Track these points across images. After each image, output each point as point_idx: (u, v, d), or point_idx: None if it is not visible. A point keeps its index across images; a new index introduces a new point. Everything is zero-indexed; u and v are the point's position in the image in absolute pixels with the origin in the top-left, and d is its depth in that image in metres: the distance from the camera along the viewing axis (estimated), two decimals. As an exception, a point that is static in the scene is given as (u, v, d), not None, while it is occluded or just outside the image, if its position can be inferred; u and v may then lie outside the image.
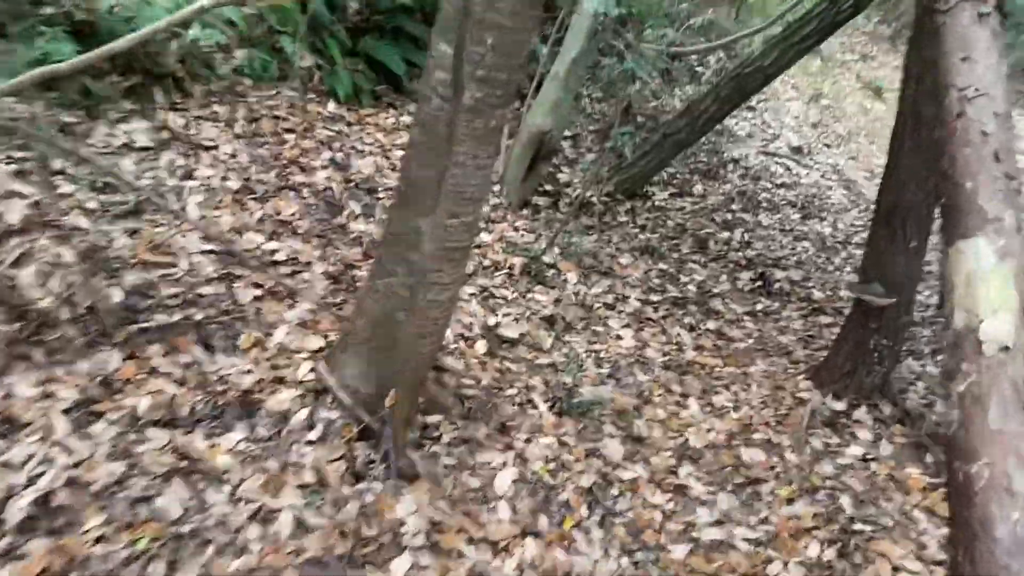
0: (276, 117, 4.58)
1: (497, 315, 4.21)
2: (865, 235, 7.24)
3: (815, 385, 4.24)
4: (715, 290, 5.33)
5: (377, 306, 3.06)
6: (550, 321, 4.37)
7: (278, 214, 3.97)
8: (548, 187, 5.86)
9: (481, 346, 3.91)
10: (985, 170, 2.16)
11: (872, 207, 8.22)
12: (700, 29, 9.15)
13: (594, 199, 6.06)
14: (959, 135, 2.28)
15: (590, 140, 6.71)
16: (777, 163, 8.20)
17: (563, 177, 6.15)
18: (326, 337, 3.34)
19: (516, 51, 2.61)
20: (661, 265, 5.45)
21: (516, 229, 5.07)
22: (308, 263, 3.76)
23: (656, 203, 6.45)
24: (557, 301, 4.54)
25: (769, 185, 7.55)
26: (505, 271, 4.59)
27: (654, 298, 5.00)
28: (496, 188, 5.37)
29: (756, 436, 3.82)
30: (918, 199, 3.73)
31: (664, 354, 4.44)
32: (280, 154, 4.32)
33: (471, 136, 2.70)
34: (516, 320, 4.23)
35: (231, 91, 4.61)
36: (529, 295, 4.49)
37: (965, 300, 2.07)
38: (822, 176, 8.24)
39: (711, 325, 4.89)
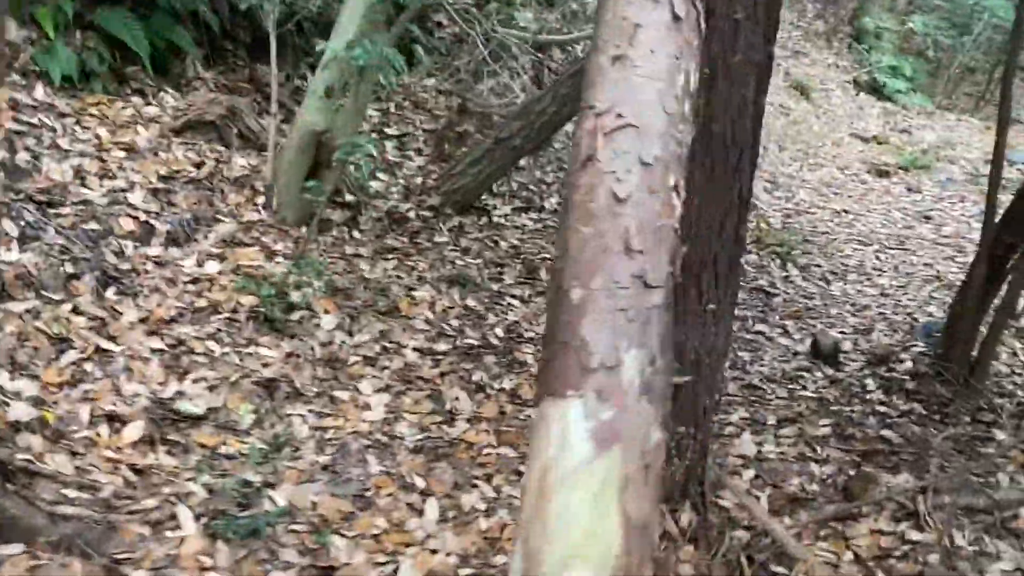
0: (-72, 105, 3.49)
1: (184, 381, 3.17)
2: (748, 258, 6.34)
3: (605, 478, 3.26)
4: (529, 334, 4.34)
5: None
6: (269, 387, 3.34)
7: None
8: (349, 198, 4.83)
9: (133, 431, 2.87)
10: (605, 271, 1.17)
11: (767, 220, 7.34)
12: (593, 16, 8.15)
13: (411, 213, 5.04)
14: (580, 198, 1.29)
15: (423, 141, 5.68)
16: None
17: (377, 185, 5.12)
18: None
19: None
20: (471, 301, 4.45)
21: (272, 255, 4.03)
22: None
23: (494, 219, 5.44)
24: (290, 356, 3.51)
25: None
26: (227, 315, 3.55)
27: (440, 347, 3.99)
28: (261, 201, 4.32)
29: (498, 559, 2.83)
30: (715, 248, 2.76)
31: (422, 429, 3.44)
32: (-93, 156, 3.24)
33: None
34: (212, 388, 3.19)
35: None
36: (250, 349, 3.46)
37: (530, 524, 1.08)
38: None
39: (507, 383, 3.89)
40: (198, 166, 4.22)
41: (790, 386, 4.42)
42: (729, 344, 3.07)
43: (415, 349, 3.90)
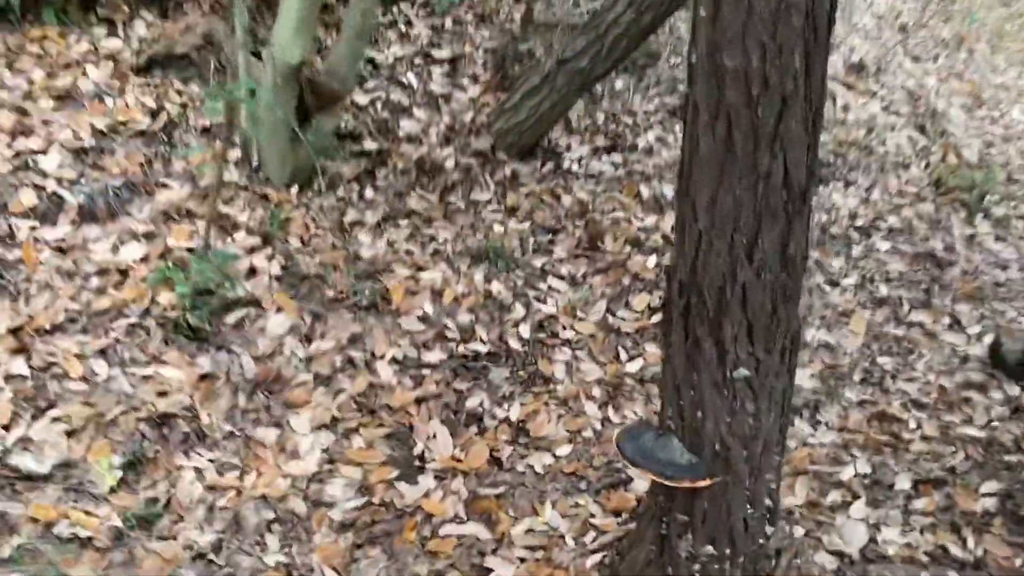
0: None
1: (39, 422, 2.39)
2: (919, 208, 4.77)
3: (606, 589, 2.19)
4: (567, 333, 3.24)
5: None
6: (161, 426, 2.49)
7: None
8: (370, 144, 3.85)
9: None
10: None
11: (959, 151, 5.61)
12: None
13: (448, 162, 3.99)
14: None
15: (481, 65, 4.55)
16: (819, 88, 5.67)
17: (411, 126, 4.10)
18: None
19: None
20: (497, 284, 3.39)
21: (232, 229, 3.15)
22: None
23: (564, 164, 4.27)
24: (204, 379, 2.64)
25: (782, 127, 5.11)
26: (133, 319, 2.72)
27: (431, 357, 2.99)
28: (236, 155, 3.44)
29: None
30: (743, 277, 1.54)
31: (364, 491, 2.49)
32: None
33: None
34: (72, 432, 2.39)
35: None
36: (151, 369, 2.61)
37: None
38: (885, 108, 5.64)
39: (515, 411, 2.86)
40: (154, 114, 3.37)
41: (947, 417, 3.05)
42: (783, 428, 1.84)
43: (394, 360, 2.92)
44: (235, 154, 3.43)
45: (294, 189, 3.48)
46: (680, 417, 1.77)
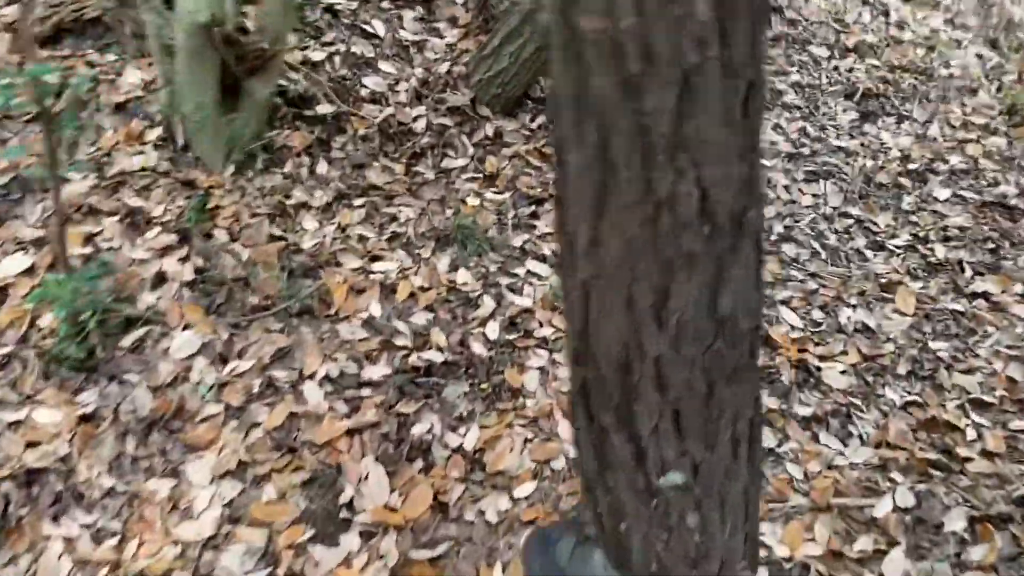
0: None
1: None
2: (988, 143, 4.02)
3: None
4: (544, 331, 2.70)
5: None
6: (28, 486, 2.08)
7: None
8: (325, 108, 3.33)
9: None
10: None
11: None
12: None
13: (419, 123, 3.45)
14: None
15: (462, 5, 3.93)
16: (872, 1, 4.89)
17: (375, 83, 3.55)
18: None
19: None
20: (464, 273, 2.86)
21: (146, 224, 2.69)
22: None
23: (558, 116, 3.67)
24: (84, 420, 2.21)
25: (823, 52, 4.37)
26: (9, 348, 2.29)
27: (374, 373, 2.50)
28: (157, 135, 2.96)
29: None
30: (643, 346, 0.99)
31: (268, 559, 2.04)
32: None
33: None
34: (-85, 499, 1.99)
35: None
36: (23, 412, 2.19)
37: None
38: (949, 20, 4.82)
39: (473, 436, 2.36)
40: (59, 93, 2.90)
41: (1016, 423, 2.44)
42: (752, 536, 1.30)
43: (327, 379, 2.44)
44: (155, 133, 2.95)
45: (229, 170, 3.00)
46: (600, 525, 1.24)
